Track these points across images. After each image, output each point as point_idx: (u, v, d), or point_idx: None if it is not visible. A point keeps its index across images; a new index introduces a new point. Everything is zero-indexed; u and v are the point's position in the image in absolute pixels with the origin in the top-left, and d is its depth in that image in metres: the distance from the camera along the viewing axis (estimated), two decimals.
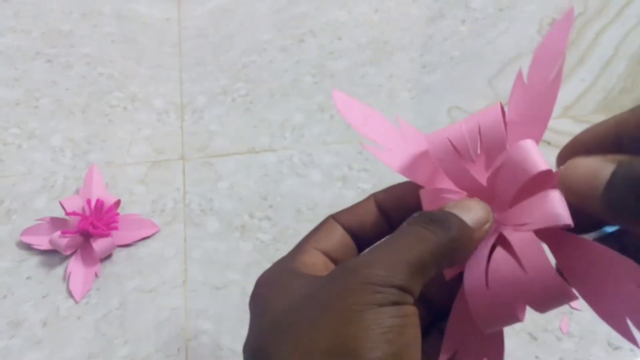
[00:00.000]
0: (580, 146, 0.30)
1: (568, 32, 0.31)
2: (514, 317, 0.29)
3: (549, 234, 0.29)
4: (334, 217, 0.34)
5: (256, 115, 0.72)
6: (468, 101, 0.73)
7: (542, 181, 0.29)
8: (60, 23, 0.81)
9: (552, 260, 0.28)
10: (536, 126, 0.31)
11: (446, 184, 0.33)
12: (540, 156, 0.29)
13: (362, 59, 0.77)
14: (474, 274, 0.29)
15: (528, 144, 0.29)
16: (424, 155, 0.34)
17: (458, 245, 0.29)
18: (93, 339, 0.56)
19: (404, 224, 0.29)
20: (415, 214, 0.30)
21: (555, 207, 0.28)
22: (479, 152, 0.31)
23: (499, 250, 0.29)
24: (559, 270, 0.29)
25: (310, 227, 0.34)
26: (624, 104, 0.72)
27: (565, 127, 0.69)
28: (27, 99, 0.74)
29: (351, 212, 0.34)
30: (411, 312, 0.27)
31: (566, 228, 0.28)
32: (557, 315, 0.55)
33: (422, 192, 0.33)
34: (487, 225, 0.30)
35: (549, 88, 0.30)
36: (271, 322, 0.29)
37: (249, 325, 0.31)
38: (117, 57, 0.78)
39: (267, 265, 0.33)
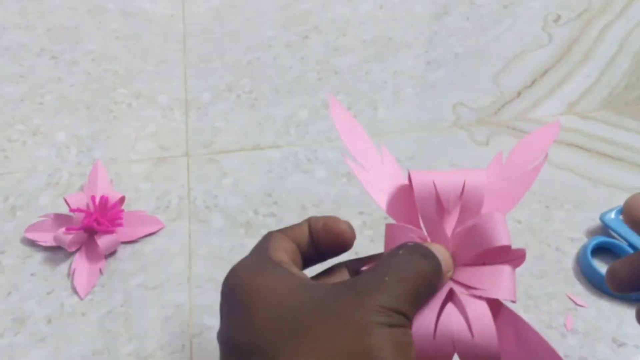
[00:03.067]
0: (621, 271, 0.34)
1: (553, 139, 0.36)
2: None
3: (493, 302, 0.32)
4: (278, 232, 0.36)
5: (261, 111, 0.72)
6: (473, 97, 0.73)
7: (499, 254, 0.33)
8: (65, 20, 0.81)
9: None
10: (508, 200, 0.34)
11: (411, 221, 0.36)
12: (506, 231, 0.33)
13: (366, 56, 0.77)
14: (424, 321, 0.32)
15: (498, 218, 0.33)
16: (399, 189, 0.36)
17: (438, 281, 0.32)
18: (97, 336, 0.56)
19: (402, 251, 0.32)
20: (410, 244, 0.33)
21: (507, 283, 0.32)
22: (456, 204, 0.34)
23: (451, 307, 0.32)
24: None
25: None
26: (629, 100, 0.72)
27: (570, 123, 0.69)
28: (32, 95, 0.74)
29: (291, 230, 0.36)
30: (411, 335, 0.30)
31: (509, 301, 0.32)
32: (561, 312, 0.55)
33: (387, 226, 0.36)
34: (450, 273, 0.33)
35: (525, 176, 0.35)
36: (274, 320, 0.29)
37: (229, 314, 0.31)
38: (121, 54, 0.78)
39: None
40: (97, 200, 0.61)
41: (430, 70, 0.75)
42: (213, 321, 0.57)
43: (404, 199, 0.36)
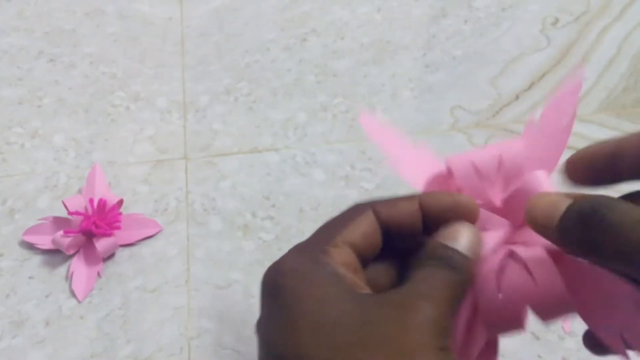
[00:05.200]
0: (581, 159, 0.34)
1: (579, 91, 0.35)
2: (520, 324, 0.32)
3: (555, 254, 0.32)
4: (374, 210, 0.33)
5: (259, 114, 0.72)
6: (471, 100, 0.73)
7: None
8: (63, 22, 0.81)
9: None
10: (549, 161, 0.35)
11: None
12: (551, 186, 0.32)
13: (364, 59, 0.77)
14: (487, 282, 0.32)
15: (541, 175, 0.33)
16: (439, 176, 0.36)
17: (468, 283, 0.31)
18: (96, 339, 0.56)
19: (430, 268, 0.31)
20: (436, 256, 0.31)
21: None
22: (497, 175, 0.35)
23: (512, 263, 0.32)
24: None
25: (313, 226, 0.34)
26: (627, 103, 0.72)
27: None
28: (30, 98, 0.74)
29: (395, 208, 0.33)
30: (453, 357, 0.29)
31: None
32: None
33: None
34: (479, 248, 0.32)
35: (561, 133, 0.35)
36: (315, 332, 0.29)
37: (270, 313, 0.31)
38: (119, 57, 0.78)
39: (270, 265, 0.32)
40: (95, 203, 0.61)
41: (428, 73, 0.76)
42: (211, 324, 0.57)
43: (443, 184, 0.36)
